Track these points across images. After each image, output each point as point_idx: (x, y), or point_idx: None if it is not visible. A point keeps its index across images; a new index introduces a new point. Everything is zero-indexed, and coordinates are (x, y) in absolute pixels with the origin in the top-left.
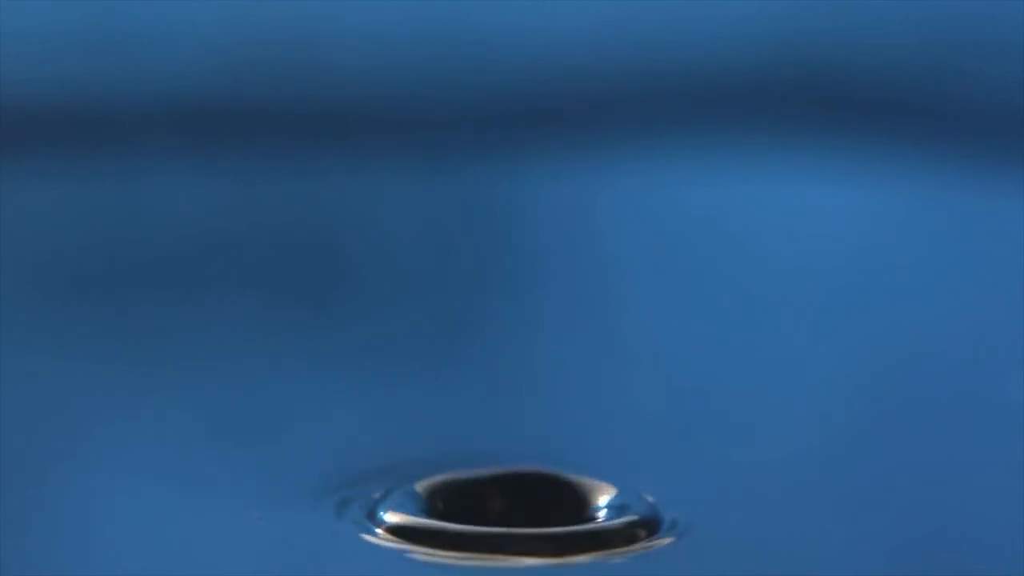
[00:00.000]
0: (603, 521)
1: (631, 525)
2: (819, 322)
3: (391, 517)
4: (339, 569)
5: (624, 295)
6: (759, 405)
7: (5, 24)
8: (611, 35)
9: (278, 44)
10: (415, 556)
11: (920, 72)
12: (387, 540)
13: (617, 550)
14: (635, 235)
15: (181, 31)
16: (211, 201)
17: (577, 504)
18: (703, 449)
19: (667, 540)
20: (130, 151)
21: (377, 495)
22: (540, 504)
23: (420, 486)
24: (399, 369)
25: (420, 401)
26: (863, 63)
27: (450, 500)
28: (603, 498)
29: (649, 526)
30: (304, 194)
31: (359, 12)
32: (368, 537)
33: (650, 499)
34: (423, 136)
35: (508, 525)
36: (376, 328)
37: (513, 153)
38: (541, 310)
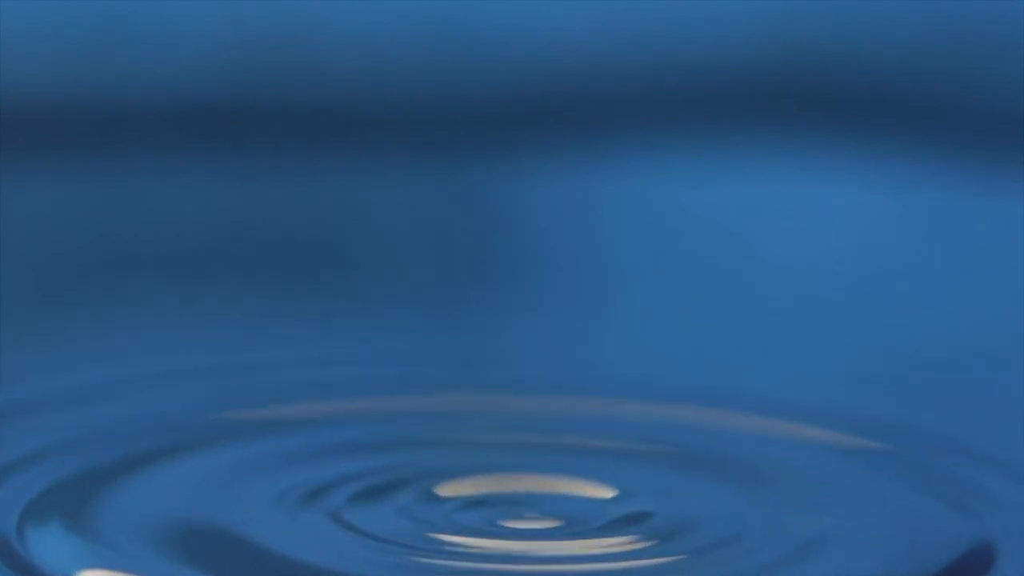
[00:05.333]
0: None
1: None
2: (819, 322)
3: None
4: None
5: (624, 294)
6: (758, 405)
7: (5, 24)
8: (611, 35)
9: (278, 44)
10: None
11: (920, 72)
12: None
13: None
14: (635, 235)
15: (181, 31)
16: (211, 201)
17: None
18: (701, 447)
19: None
20: (130, 151)
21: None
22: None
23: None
24: (398, 368)
25: (419, 399)
26: (863, 63)
27: None
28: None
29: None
30: (304, 194)
31: (359, 12)
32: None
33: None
34: (423, 136)
35: None
36: (375, 328)
37: (513, 153)
38: (541, 310)
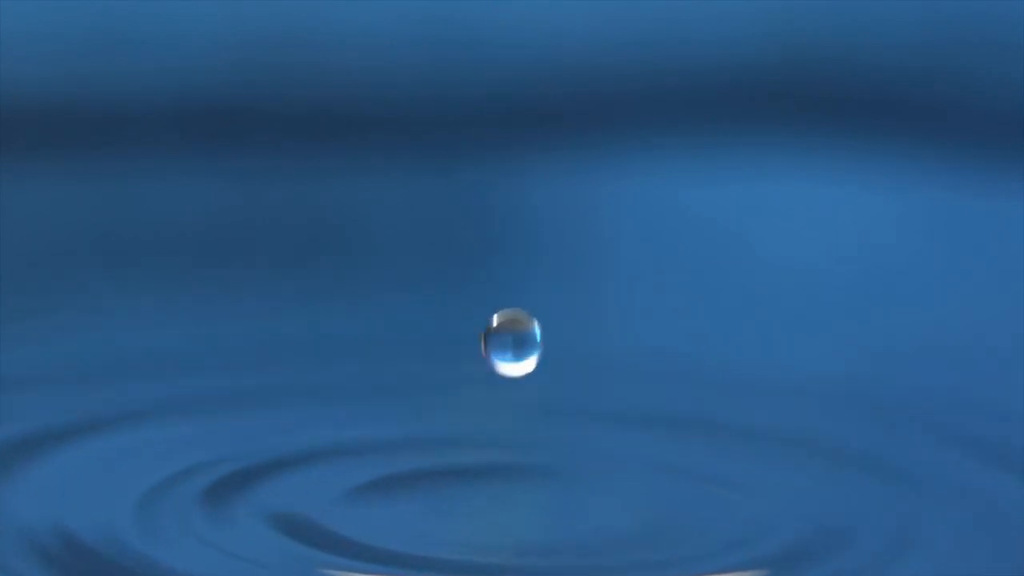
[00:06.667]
0: None
1: None
2: (818, 321)
3: None
4: None
5: (623, 294)
6: (757, 404)
7: (5, 24)
8: (611, 35)
9: (278, 44)
10: None
11: (920, 72)
12: None
13: None
14: (635, 235)
15: (181, 31)
16: (211, 201)
17: None
18: (698, 447)
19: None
20: (130, 151)
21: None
22: None
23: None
24: (397, 367)
25: (418, 399)
26: (863, 63)
27: None
28: None
29: None
30: (304, 194)
31: (359, 12)
32: None
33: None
34: (423, 136)
35: None
36: (373, 328)
37: (513, 153)
38: (540, 309)
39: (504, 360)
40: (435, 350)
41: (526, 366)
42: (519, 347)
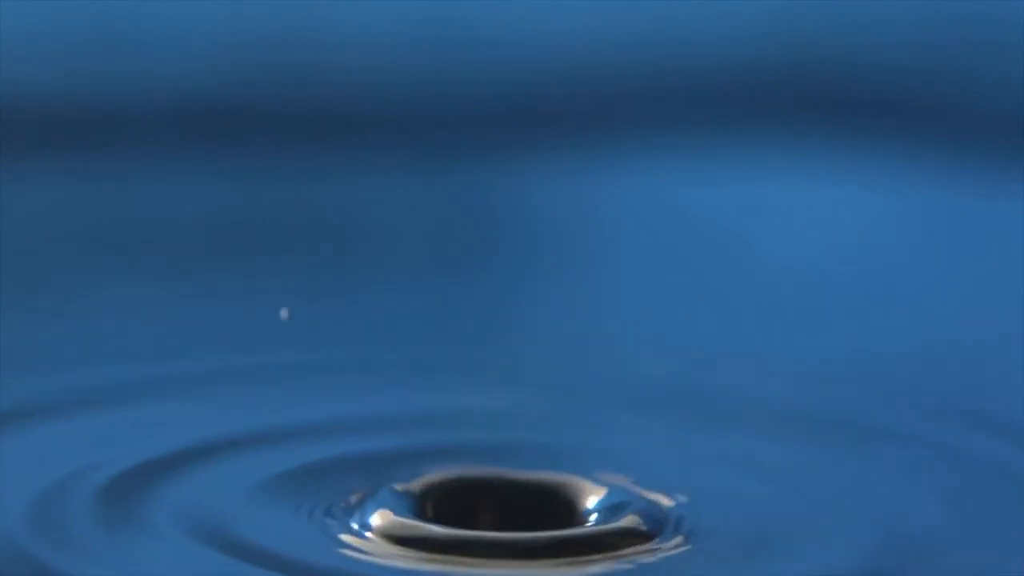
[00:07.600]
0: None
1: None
2: (818, 321)
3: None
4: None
5: (623, 294)
6: (756, 403)
7: (5, 24)
8: (611, 35)
9: (278, 44)
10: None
11: (920, 72)
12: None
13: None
14: (635, 235)
15: (181, 31)
16: (211, 201)
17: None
18: (697, 446)
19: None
20: (130, 151)
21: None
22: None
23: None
24: (394, 369)
25: (418, 400)
26: (863, 63)
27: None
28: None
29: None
30: (304, 194)
31: (359, 12)
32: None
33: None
34: (423, 136)
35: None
36: (373, 327)
37: (513, 153)
38: (540, 309)
39: None
40: (434, 349)
41: None
42: None
